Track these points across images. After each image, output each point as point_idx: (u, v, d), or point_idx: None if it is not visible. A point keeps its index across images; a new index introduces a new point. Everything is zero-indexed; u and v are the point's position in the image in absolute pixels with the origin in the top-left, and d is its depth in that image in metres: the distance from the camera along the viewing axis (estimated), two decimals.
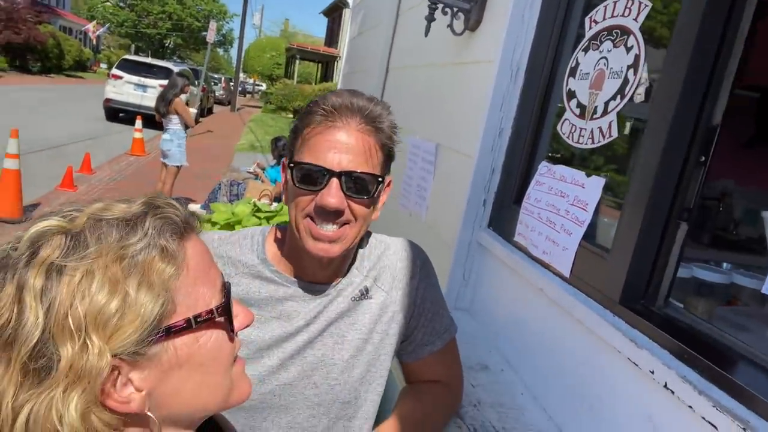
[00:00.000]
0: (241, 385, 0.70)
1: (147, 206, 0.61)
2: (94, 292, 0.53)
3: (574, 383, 1.33)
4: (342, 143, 1.02)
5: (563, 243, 1.46)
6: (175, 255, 0.60)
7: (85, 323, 0.53)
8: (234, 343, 0.68)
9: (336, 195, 1.01)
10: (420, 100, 2.72)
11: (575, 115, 1.53)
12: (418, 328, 1.21)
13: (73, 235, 0.56)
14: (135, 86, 14.51)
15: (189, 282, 0.61)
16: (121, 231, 0.57)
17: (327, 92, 1.09)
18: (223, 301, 0.65)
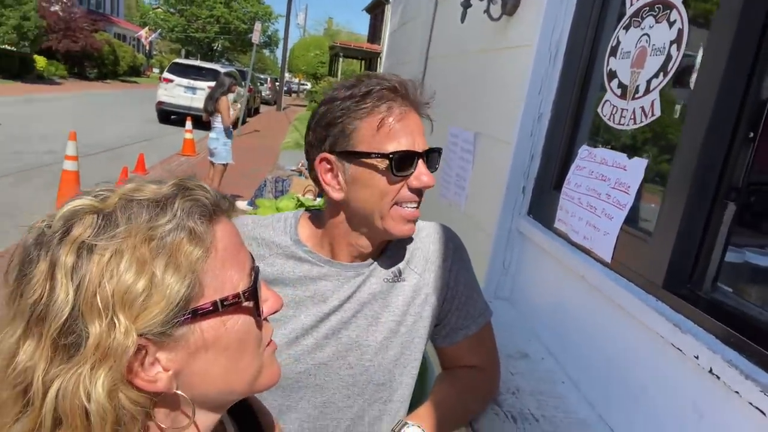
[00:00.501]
0: (270, 369, 0.70)
1: (177, 188, 0.61)
2: (122, 272, 0.54)
3: (616, 371, 1.29)
4: (416, 124, 1.08)
5: (604, 228, 1.42)
6: (203, 237, 0.59)
7: (112, 302, 0.53)
8: (263, 327, 0.67)
9: (427, 173, 1.08)
10: (458, 89, 2.69)
11: (616, 96, 1.48)
12: (451, 312, 1.20)
13: (104, 215, 0.56)
14: (185, 89, 14.97)
15: (217, 265, 0.61)
16: (151, 212, 0.58)
17: (362, 79, 1.08)
18: (250, 285, 0.64)
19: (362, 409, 1.17)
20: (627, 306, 1.25)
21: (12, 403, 0.56)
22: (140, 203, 0.58)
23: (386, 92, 1.04)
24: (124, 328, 0.53)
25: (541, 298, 1.76)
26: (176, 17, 48.70)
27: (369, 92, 1.04)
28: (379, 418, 1.19)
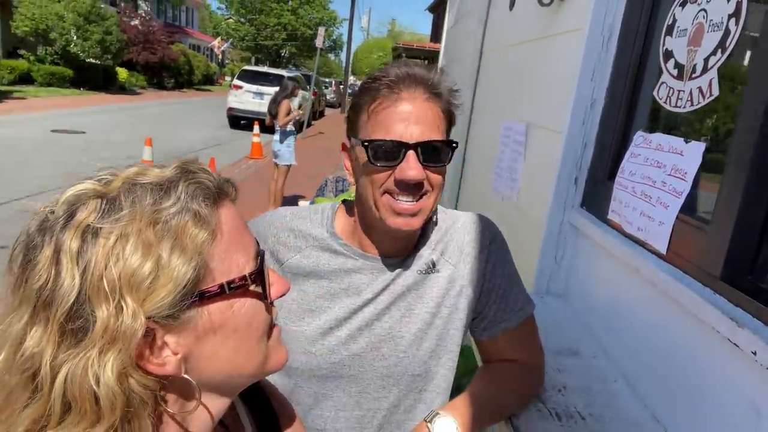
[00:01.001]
0: (277, 353, 0.70)
1: (180, 171, 0.61)
2: (127, 255, 0.54)
3: (670, 368, 1.21)
4: (412, 114, 1.01)
5: (659, 217, 1.33)
6: (208, 220, 0.59)
7: (119, 285, 0.53)
8: (269, 311, 0.68)
9: (415, 167, 1.01)
10: (510, 81, 2.63)
11: (673, 77, 1.39)
12: (489, 304, 1.17)
13: (108, 199, 0.56)
14: (254, 94, 15.48)
15: (223, 248, 0.61)
16: (155, 195, 0.57)
17: (383, 68, 1.07)
18: (256, 268, 0.64)
19: (398, 399, 1.16)
20: (682, 299, 1.17)
21: (21, 389, 0.55)
22: (144, 187, 0.58)
23: (390, 80, 1.02)
24: (132, 311, 0.53)
25: (595, 293, 1.68)
26: (246, 26, 50.47)
27: (376, 79, 1.03)
28: (414, 407, 1.17)
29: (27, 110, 14.37)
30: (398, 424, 1.18)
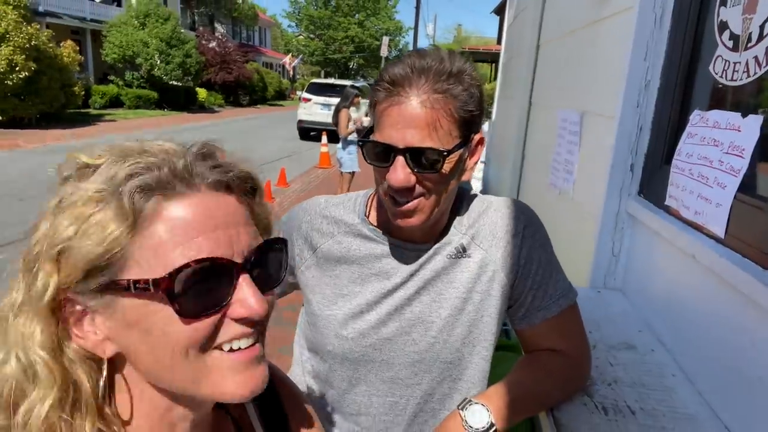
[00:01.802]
0: (218, 380, 0.61)
1: (138, 154, 0.60)
2: (57, 227, 0.57)
3: (731, 361, 1.11)
4: (404, 117, 0.96)
5: (717, 199, 1.24)
6: (125, 212, 0.56)
7: (44, 253, 0.57)
8: (194, 327, 0.58)
9: (402, 172, 0.97)
10: (564, 71, 2.54)
11: (728, 49, 1.30)
12: (526, 291, 1.12)
13: (82, 172, 0.61)
14: (321, 106, 15.86)
15: (150, 243, 0.57)
16: (103, 175, 0.58)
17: (395, 59, 1.05)
18: (166, 276, 0.56)
19: (431, 387, 1.14)
20: (741, 285, 1.08)
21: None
22: (107, 164, 0.59)
23: (390, 80, 0.97)
24: (45, 277, 0.57)
25: (654, 285, 1.58)
26: (315, 42, 51.92)
27: (380, 77, 1.01)
28: (449, 396, 1.15)
29: (117, 131, 15.47)
30: (433, 413, 1.16)
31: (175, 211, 0.58)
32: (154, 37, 22.44)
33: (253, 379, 0.62)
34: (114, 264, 0.57)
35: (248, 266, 0.61)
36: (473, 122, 1.02)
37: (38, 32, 14.60)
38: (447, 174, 1.01)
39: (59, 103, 15.86)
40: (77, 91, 16.87)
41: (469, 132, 1.02)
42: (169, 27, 22.90)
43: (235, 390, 0.61)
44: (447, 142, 0.98)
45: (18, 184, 8.54)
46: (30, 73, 14.05)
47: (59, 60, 15.57)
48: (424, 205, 1.01)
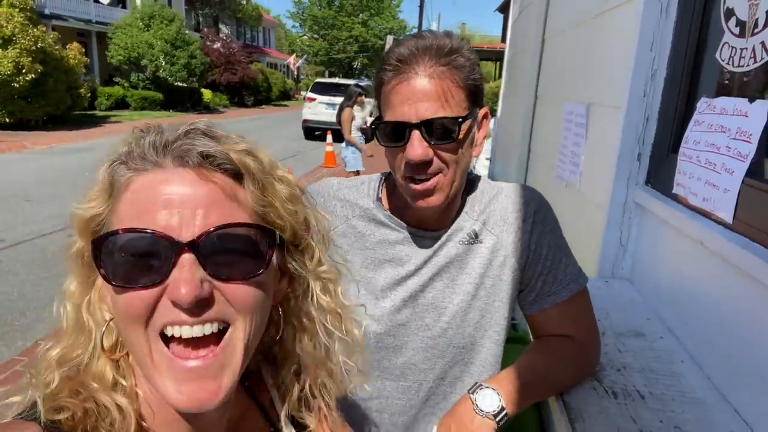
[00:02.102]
0: (161, 382, 0.59)
1: (143, 133, 0.65)
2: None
3: (740, 346, 1.12)
4: (415, 92, 0.98)
5: (724, 184, 1.24)
6: (104, 181, 0.63)
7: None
8: (129, 299, 0.58)
9: (419, 146, 0.98)
10: (570, 65, 2.54)
11: (734, 36, 1.30)
12: (536, 277, 1.13)
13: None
14: (326, 105, 15.87)
15: (118, 214, 0.61)
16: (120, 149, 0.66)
17: (395, 43, 1.06)
18: (92, 240, 0.60)
19: (444, 371, 1.15)
20: (750, 269, 1.08)
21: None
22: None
23: (396, 60, 0.99)
24: (74, 241, 0.65)
25: (662, 274, 1.58)
26: (319, 42, 51.97)
27: (385, 59, 1.02)
28: (460, 379, 1.16)
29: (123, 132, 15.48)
30: (444, 396, 1.17)
31: (138, 185, 0.61)
32: (158, 39, 22.52)
33: (193, 393, 0.58)
34: (100, 231, 0.62)
35: (198, 247, 0.57)
36: (478, 93, 1.05)
37: (44, 35, 14.69)
38: (461, 144, 1.02)
39: (65, 105, 15.95)
40: (83, 93, 16.96)
41: (476, 103, 1.05)
42: (173, 28, 22.98)
43: (173, 398, 0.58)
44: (459, 110, 1.00)
45: (25, 185, 8.61)
46: (36, 76, 14.13)
47: (65, 62, 15.65)
48: (443, 184, 1.03)
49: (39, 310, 4.42)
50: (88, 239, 0.63)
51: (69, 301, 0.65)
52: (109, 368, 0.64)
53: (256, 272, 0.62)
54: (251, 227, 0.62)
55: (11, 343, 3.91)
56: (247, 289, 0.61)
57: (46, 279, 5.04)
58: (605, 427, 1.02)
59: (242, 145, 0.65)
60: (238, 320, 0.61)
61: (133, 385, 0.66)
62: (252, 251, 0.62)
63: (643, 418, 1.05)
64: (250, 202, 0.63)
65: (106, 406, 0.62)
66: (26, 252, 5.69)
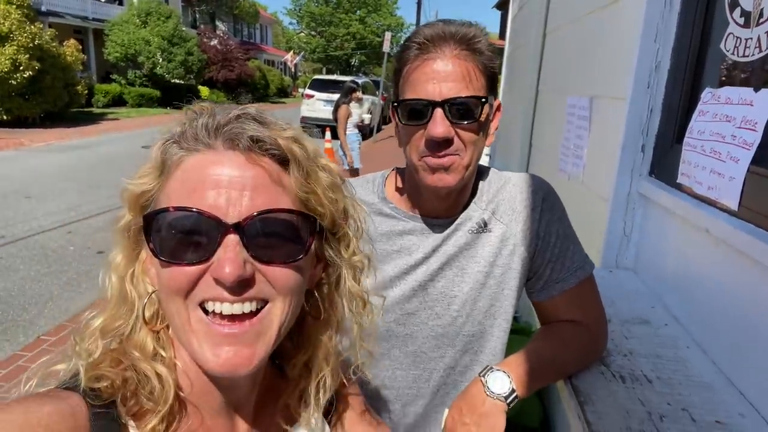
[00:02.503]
0: (197, 346, 0.62)
1: (201, 114, 0.67)
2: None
3: (746, 330, 1.13)
4: (440, 72, 1.01)
5: (730, 172, 1.26)
6: (156, 158, 0.66)
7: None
8: (173, 273, 0.61)
9: (442, 124, 1.00)
10: (573, 58, 2.56)
11: (739, 26, 1.31)
12: (545, 264, 1.15)
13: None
14: (324, 102, 15.87)
15: (167, 191, 0.63)
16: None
17: (421, 25, 1.09)
18: (143, 215, 0.63)
19: (454, 360, 1.16)
20: (756, 255, 1.10)
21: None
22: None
23: (421, 41, 1.02)
24: (122, 214, 0.68)
25: (666, 262, 1.60)
26: (317, 39, 51.85)
27: (408, 41, 1.04)
28: (470, 368, 1.17)
29: (120, 129, 15.51)
30: (455, 385, 1.18)
31: (188, 164, 0.63)
32: (155, 36, 22.46)
33: (230, 360, 0.60)
34: (149, 206, 0.64)
35: (243, 228, 0.60)
36: (495, 80, 1.08)
37: (41, 31, 14.63)
38: (481, 126, 1.05)
39: (63, 102, 15.90)
40: (80, 90, 16.91)
41: (493, 89, 1.07)
42: (170, 25, 22.91)
43: (208, 361, 0.61)
44: (481, 92, 1.03)
45: (24, 182, 8.59)
46: (34, 73, 14.09)
47: (62, 59, 15.60)
48: (459, 164, 1.04)
49: (40, 306, 4.42)
50: (136, 213, 0.65)
51: (114, 272, 0.67)
52: (149, 339, 0.67)
53: (296, 257, 0.65)
54: (294, 213, 0.64)
55: (13, 338, 3.92)
56: (287, 272, 0.64)
57: (46, 275, 5.05)
58: (614, 409, 1.04)
59: (289, 131, 0.67)
60: (277, 300, 0.64)
61: (172, 357, 0.68)
62: (293, 236, 0.64)
63: (651, 401, 1.07)
64: (294, 188, 0.65)
65: (146, 374, 0.64)
66: (26, 248, 5.69)
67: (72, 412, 0.57)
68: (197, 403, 0.69)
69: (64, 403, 0.57)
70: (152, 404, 0.63)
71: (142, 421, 0.63)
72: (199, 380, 0.67)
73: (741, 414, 1.04)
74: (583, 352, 1.17)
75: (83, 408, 0.58)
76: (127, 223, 0.67)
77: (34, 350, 3.78)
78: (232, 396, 0.71)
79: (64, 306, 4.46)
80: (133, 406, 0.63)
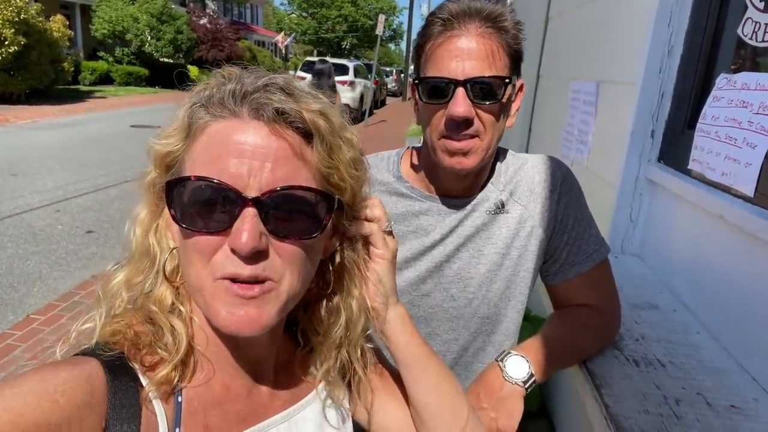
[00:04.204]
0: (215, 307, 0.62)
1: (229, 79, 0.67)
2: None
3: (761, 315, 1.14)
4: (463, 50, 0.98)
5: (746, 159, 1.25)
6: (182, 122, 0.65)
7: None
8: (196, 240, 0.62)
9: (463, 104, 0.98)
10: (579, 43, 2.53)
11: (758, 11, 1.30)
12: (561, 247, 1.14)
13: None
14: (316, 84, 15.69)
15: (192, 155, 0.63)
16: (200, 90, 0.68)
17: (445, 2, 1.06)
18: (166, 182, 0.63)
19: (467, 341, 1.15)
20: None
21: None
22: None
23: (445, 17, 0.99)
24: (147, 171, 0.69)
25: (674, 248, 1.60)
26: (308, 20, 51.28)
27: (432, 17, 1.02)
28: (482, 349, 1.17)
29: (108, 108, 15.26)
30: (466, 366, 1.18)
31: (213, 130, 0.63)
32: (144, 13, 22.02)
33: (241, 318, 0.61)
34: (174, 166, 0.65)
35: (262, 202, 0.60)
36: (519, 60, 1.06)
37: (27, 5, 14.26)
38: (503, 108, 1.03)
39: (49, 79, 15.58)
40: (67, 67, 16.56)
41: (517, 70, 1.05)
42: (159, 2, 22.46)
43: (224, 321, 0.62)
44: (504, 72, 1.01)
45: (10, 159, 8.43)
46: (19, 48, 13.76)
47: (49, 35, 15.24)
48: (478, 147, 1.02)
49: (29, 285, 4.36)
50: (162, 172, 0.67)
51: (139, 226, 0.69)
52: (169, 293, 0.69)
53: (311, 234, 0.65)
54: (313, 192, 0.64)
55: (2, 317, 3.86)
56: (298, 249, 0.65)
57: (34, 254, 4.97)
58: (630, 392, 1.04)
59: (317, 105, 0.66)
60: (287, 272, 0.64)
61: (189, 311, 0.70)
62: (311, 213, 0.65)
63: (665, 385, 1.07)
64: (316, 162, 0.65)
65: (161, 326, 0.66)
66: (14, 226, 5.60)
67: (88, 377, 0.58)
68: (214, 360, 0.70)
69: (79, 368, 0.58)
70: (166, 354, 0.65)
71: (155, 371, 0.64)
72: (215, 336, 0.69)
73: (755, 399, 1.04)
74: (598, 336, 1.16)
75: (100, 372, 0.60)
76: (152, 179, 0.68)
77: (23, 329, 3.74)
78: (249, 354, 0.72)
79: (53, 285, 4.41)
80: (146, 358, 0.65)
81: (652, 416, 0.97)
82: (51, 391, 0.54)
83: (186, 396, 0.66)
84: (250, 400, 0.73)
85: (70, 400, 0.54)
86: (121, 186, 7.34)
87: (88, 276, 4.60)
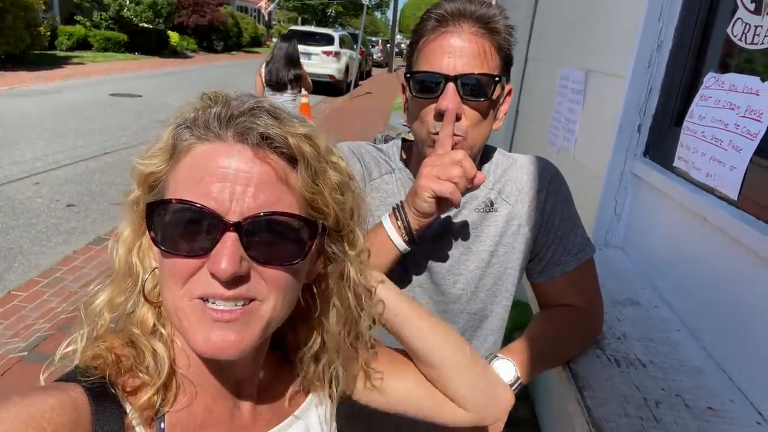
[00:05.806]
0: (189, 328, 0.62)
1: (213, 102, 0.66)
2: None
3: (738, 316, 1.17)
4: (456, 47, 1.00)
5: (731, 162, 1.27)
6: (167, 145, 0.65)
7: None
8: (174, 264, 0.62)
9: (452, 99, 0.99)
10: (568, 29, 2.52)
11: (749, 12, 1.30)
12: (547, 246, 1.15)
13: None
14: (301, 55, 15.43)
15: (176, 177, 0.63)
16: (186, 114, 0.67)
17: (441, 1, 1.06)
18: (147, 204, 0.63)
19: None
20: (754, 246, 1.12)
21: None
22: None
23: (440, 15, 1.02)
24: (132, 189, 0.68)
25: (656, 244, 1.63)
26: None
27: (427, 15, 1.03)
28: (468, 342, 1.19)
29: (86, 75, 14.86)
30: None
31: (197, 152, 0.63)
32: None
33: (217, 344, 0.61)
34: (157, 187, 0.65)
35: (243, 227, 0.60)
36: (510, 63, 1.07)
37: None
38: (491, 106, 1.04)
39: (24, 44, 15.09)
40: (43, 32, 16.05)
41: (507, 71, 1.06)
42: None
43: (201, 347, 0.61)
44: (495, 71, 1.03)
45: None
46: None
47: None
48: (462, 146, 1.03)
49: (9, 260, 4.31)
50: (144, 192, 0.66)
51: (122, 245, 0.69)
52: (150, 315, 0.69)
53: (293, 261, 0.65)
54: (296, 218, 0.64)
55: None
56: (282, 274, 0.65)
57: (14, 228, 4.90)
58: (612, 394, 1.07)
59: (302, 129, 0.65)
60: (269, 298, 0.64)
61: (171, 333, 0.70)
62: (293, 239, 0.64)
63: (646, 386, 1.10)
64: (300, 187, 0.65)
65: (143, 350, 0.66)
66: None
67: (74, 405, 0.58)
68: (197, 382, 0.70)
69: (65, 395, 0.59)
70: (148, 378, 0.65)
71: (137, 396, 0.64)
72: (197, 358, 0.69)
73: (731, 400, 1.08)
74: (582, 337, 1.19)
75: (84, 399, 0.60)
76: (135, 198, 0.68)
77: (5, 306, 3.71)
78: (231, 375, 0.72)
79: (35, 260, 4.36)
80: (128, 382, 0.65)
81: (632, 419, 1.00)
82: (38, 418, 0.54)
83: (168, 421, 0.66)
84: (232, 423, 0.73)
85: (57, 429, 0.55)
86: (101, 158, 7.21)
87: (69, 251, 4.55)
